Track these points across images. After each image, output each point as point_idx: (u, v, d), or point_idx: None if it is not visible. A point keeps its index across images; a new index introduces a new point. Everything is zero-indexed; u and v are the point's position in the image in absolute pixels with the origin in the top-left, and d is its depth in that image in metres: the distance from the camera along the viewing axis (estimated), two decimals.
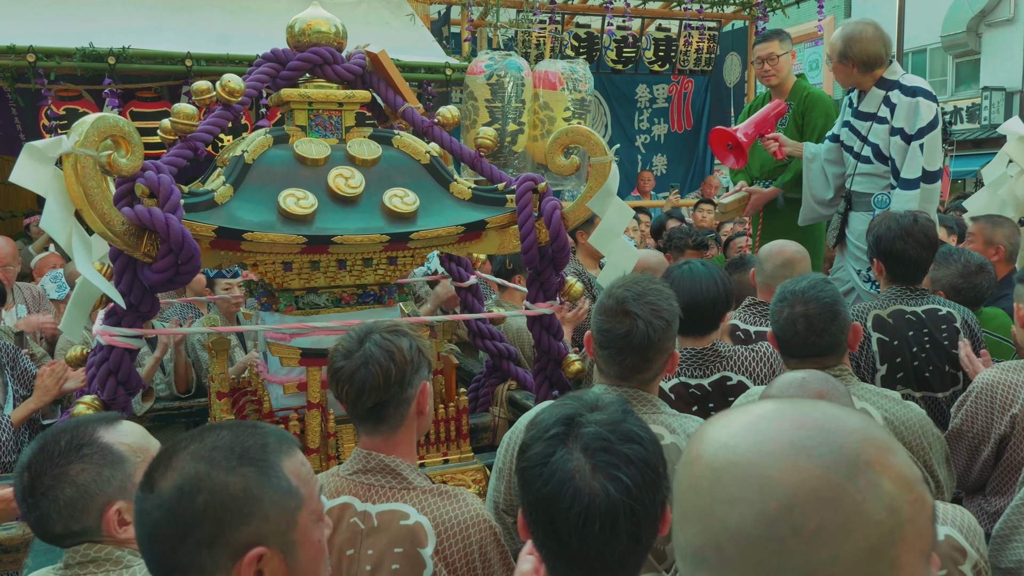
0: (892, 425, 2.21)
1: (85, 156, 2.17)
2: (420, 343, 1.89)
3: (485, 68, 7.26)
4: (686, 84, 10.60)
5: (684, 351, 2.66)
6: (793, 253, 3.25)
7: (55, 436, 1.56)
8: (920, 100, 3.89)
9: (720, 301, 2.66)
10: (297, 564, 1.19)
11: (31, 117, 6.67)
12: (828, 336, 2.22)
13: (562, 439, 1.29)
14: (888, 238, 3.02)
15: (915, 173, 3.89)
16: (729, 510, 0.75)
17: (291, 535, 1.18)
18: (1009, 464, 2.56)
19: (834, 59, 4.11)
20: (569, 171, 2.88)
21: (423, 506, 1.81)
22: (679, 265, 2.77)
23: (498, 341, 3.34)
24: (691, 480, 0.80)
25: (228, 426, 1.22)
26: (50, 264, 5.48)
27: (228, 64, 6.30)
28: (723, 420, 0.83)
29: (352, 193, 2.62)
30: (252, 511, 1.14)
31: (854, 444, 0.75)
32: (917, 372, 3.00)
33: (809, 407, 0.81)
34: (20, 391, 3.59)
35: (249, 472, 1.15)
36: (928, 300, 3.05)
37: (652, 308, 1.96)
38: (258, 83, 2.80)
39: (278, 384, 2.76)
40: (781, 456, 0.75)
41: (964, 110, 21.52)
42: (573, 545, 1.25)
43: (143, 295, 2.43)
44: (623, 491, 1.24)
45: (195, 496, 1.12)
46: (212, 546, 1.12)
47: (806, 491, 0.73)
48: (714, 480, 0.77)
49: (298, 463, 1.22)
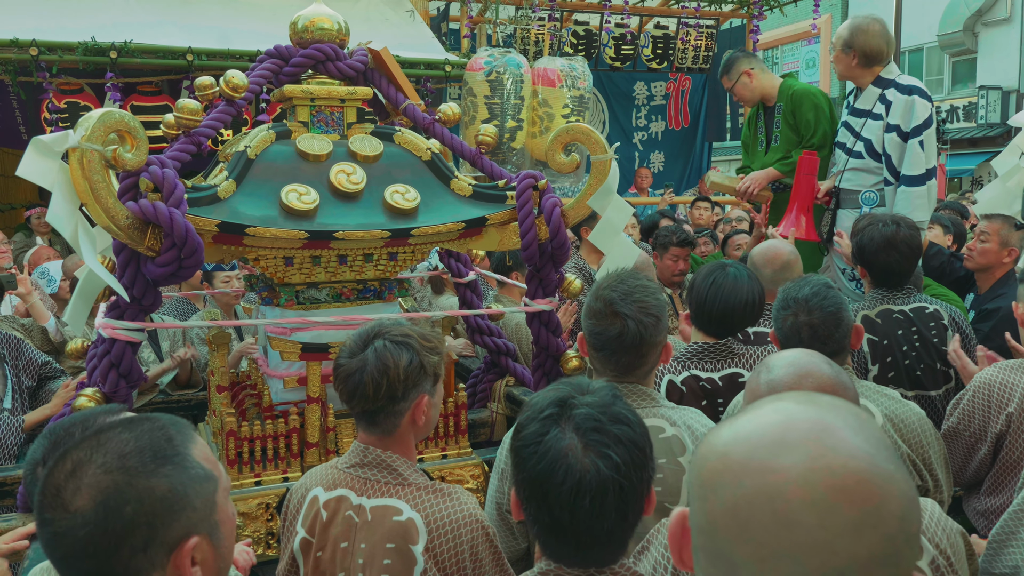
0: (892, 423, 2.23)
1: (91, 151, 2.19)
2: (425, 358, 1.87)
3: (484, 65, 7.28)
4: (684, 82, 10.62)
5: (696, 345, 2.69)
6: (788, 255, 3.25)
7: (67, 430, 1.58)
8: (916, 98, 3.93)
9: (751, 310, 2.70)
10: (221, 541, 1.22)
11: (32, 110, 6.69)
12: (832, 343, 2.23)
13: (555, 419, 1.38)
14: (871, 249, 3.05)
15: (919, 170, 3.92)
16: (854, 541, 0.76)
17: (214, 517, 1.21)
18: (1004, 463, 2.59)
19: (837, 47, 4.12)
20: (569, 168, 2.90)
21: (416, 503, 1.83)
22: (722, 268, 2.78)
23: (496, 337, 3.36)
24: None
25: (122, 427, 1.20)
26: (43, 257, 5.46)
27: (229, 59, 6.33)
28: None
29: (353, 189, 2.64)
30: (181, 506, 1.16)
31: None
32: (909, 371, 3.02)
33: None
34: (26, 381, 3.58)
35: (169, 471, 1.16)
36: (914, 299, 3.08)
37: (640, 306, 1.98)
38: (261, 79, 2.82)
39: (278, 378, 2.78)
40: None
41: (960, 109, 21.53)
42: (564, 519, 1.33)
43: (146, 289, 2.45)
44: (612, 468, 1.32)
45: (123, 508, 1.12)
46: (147, 549, 1.13)
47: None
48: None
49: (203, 446, 1.24)
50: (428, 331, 1.96)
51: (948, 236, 5.07)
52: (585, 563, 1.38)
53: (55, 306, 4.65)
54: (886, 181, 4.01)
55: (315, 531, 1.88)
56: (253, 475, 2.59)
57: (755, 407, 0.89)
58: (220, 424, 2.65)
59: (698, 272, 2.86)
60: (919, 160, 3.90)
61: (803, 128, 4.44)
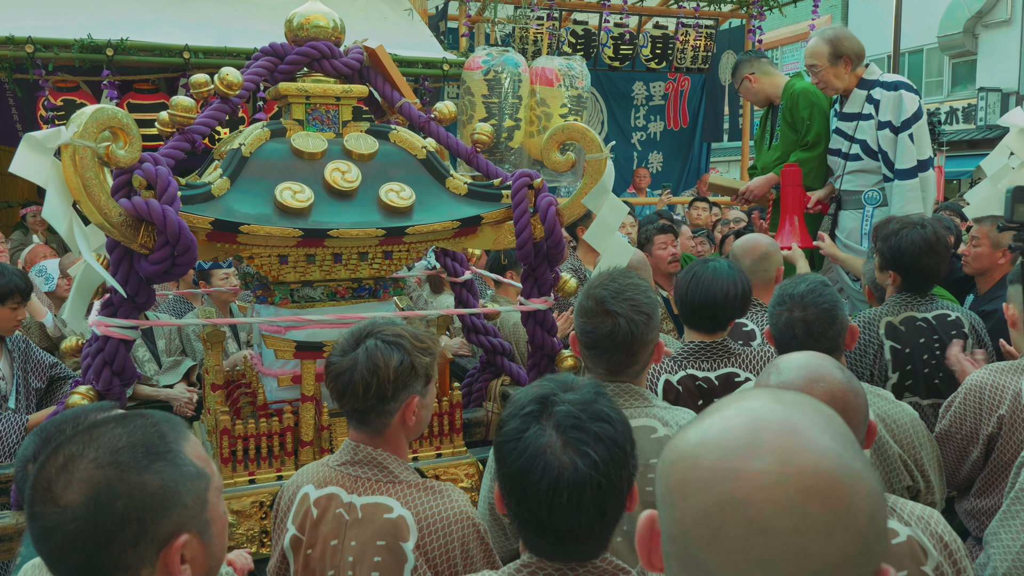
0: (884, 424, 2.23)
1: (83, 147, 2.18)
2: (416, 359, 1.87)
3: (482, 64, 7.27)
4: (683, 82, 10.62)
5: (692, 344, 2.70)
6: (767, 246, 3.28)
7: (58, 427, 1.57)
8: (903, 93, 3.99)
9: (735, 301, 2.69)
10: (211, 540, 1.22)
11: (28, 108, 6.68)
12: (826, 340, 2.24)
13: (536, 416, 1.39)
14: (913, 253, 2.99)
15: (911, 162, 3.96)
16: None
17: (204, 515, 1.21)
18: (995, 465, 2.58)
19: (823, 64, 4.11)
20: (565, 167, 2.89)
21: (407, 500, 1.83)
22: (703, 262, 2.80)
23: (492, 336, 3.35)
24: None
25: (115, 422, 1.20)
26: (39, 255, 5.45)
27: (226, 57, 6.32)
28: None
29: (348, 187, 2.63)
30: (172, 503, 1.16)
31: None
32: (927, 379, 3.00)
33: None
34: (34, 383, 3.59)
35: (161, 467, 1.16)
36: (937, 306, 3.05)
37: (631, 304, 1.99)
38: (256, 77, 2.81)
39: (272, 377, 2.77)
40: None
41: (960, 111, 21.54)
42: (543, 515, 1.34)
43: (139, 286, 2.44)
44: (591, 466, 1.33)
45: (114, 503, 1.12)
46: (137, 545, 1.13)
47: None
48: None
49: (195, 444, 1.24)
50: (422, 331, 1.95)
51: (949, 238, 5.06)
52: (565, 558, 1.39)
53: (52, 305, 4.65)
54: (885, 178, 4.04)
55: (305, 529, 1.88)
56: (247, 473, 2.59)
57: (720, 408, 0.88)
58: (215, 422, 2.64)
59: (683, 270, 2.88)
60: (910, 153, 3.95)
61: (799, 125, 4.47)
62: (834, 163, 4.28)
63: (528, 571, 1.40)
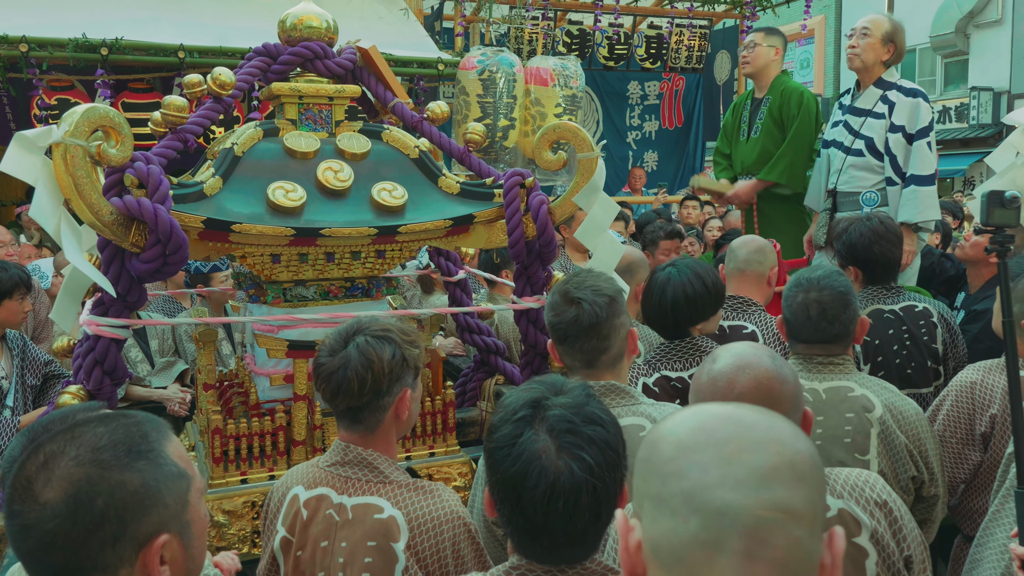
0: (892, 414, 2.25)
1: (75, 146, 2.18)
2: (407, 351, 1.88)
3: (477, 64, 7.28)
4: (677, 81, 10.64)
5: (663, 345, 2.73)
6: (763, 243, 3.32)
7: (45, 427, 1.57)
8: (920, 102, 4.04)
9: (693, 303, 2.70)
10: (191, 542, 1.21)
11: (22, 107, 6.67)
12: (839, 324, 2.29)
13: (529, 421, 1.37)
14: (864, 244, 3.08)
15: (930, 169, 4.00)
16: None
17: (185, 516, 1.20)
18: (988, 464, 2.58)
19: (876, 35, 4.12)
20: (556, 166, 2.90)
21: (398, 500, 1.82)
22: (664, 267, 2.84)
23: (486, 335, 3.35)
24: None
25: (97, 421, 1.19)
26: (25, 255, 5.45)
27: (221, 57, 6.31)
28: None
29: (341, 186, 2.63)
30: (152, 502, 1.15)
31: None
32: (899, 370, 3.03)
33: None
34: (30, 380, 3.59)
35: (142, 466, 1.15)
36: (904, 297, 3.10)
37: (592, 289, 2.05)
38: (249, 76, 2.81)
39: (265, 376, 2.77)
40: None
41: (952, 110, 21.60)
42: (539, 521, 1.33)
43: (130, 285, 2.43)
44: (586, 470, 1.32)
45: (93, 500, 1.11)
46: (116, 544, 1.12)
47: None
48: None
49: (177, 444, 1.24)
50: (405, 325, 1.97)
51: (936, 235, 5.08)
52: (557, 560, 1.38)
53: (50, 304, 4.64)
54: (889, 181, 4.05)
55: (295, 530, 1.88)
56: (239, 473, 2.58)
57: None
58: (207, 422, 2.64)
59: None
60: (929, 160, 4.00)
61: (787, 122, 4.56)
62: (834, 156, 4.29)
63: (517, 573, 1.40)
